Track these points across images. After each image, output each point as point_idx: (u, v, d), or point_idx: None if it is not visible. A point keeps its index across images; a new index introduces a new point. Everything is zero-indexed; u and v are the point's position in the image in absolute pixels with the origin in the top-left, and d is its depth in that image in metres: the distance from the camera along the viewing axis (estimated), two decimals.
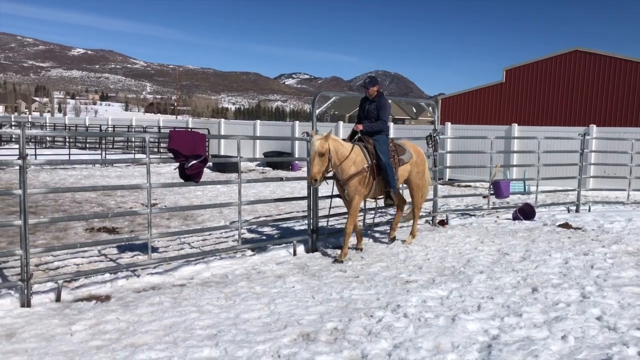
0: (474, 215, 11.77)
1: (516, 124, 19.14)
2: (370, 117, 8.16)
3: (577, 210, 12.37)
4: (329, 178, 7.78)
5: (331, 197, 8.40)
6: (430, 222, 10.75)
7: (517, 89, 30.91)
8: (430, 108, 10.85)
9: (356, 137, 8.01)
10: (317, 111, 8.56)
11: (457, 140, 19.17)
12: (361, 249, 8.35)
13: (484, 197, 14.02)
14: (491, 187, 11.76)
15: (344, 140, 7.96)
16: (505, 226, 10.45)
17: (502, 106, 31.38)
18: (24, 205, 5.65)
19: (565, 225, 10.33)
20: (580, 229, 10.12)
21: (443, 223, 10.70)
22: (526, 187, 15.06)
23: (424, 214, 11.47)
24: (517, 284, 6.51)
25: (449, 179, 18.55)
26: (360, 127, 8.01)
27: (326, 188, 8.76)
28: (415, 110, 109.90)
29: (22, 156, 5.61)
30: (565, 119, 28.71)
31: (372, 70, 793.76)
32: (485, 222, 10.92)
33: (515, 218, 11.13)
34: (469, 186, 18.04)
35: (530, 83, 30.53)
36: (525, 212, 11.17)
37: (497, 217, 11.57)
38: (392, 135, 21.06)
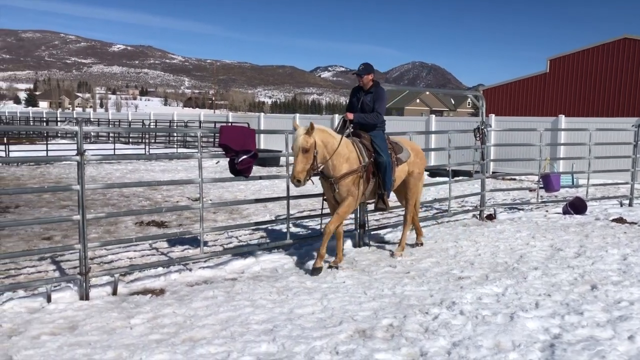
0: (522, 209, 11.52)
1: (563, 116, 18.65)
2: (365, 110, 7.19)
3: (630, 204, 11.98)
4: (317, 175, 6.85)
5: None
6: (478, 216, 10.56)
7: (562, 79, 30.10)
8: (476, 99, 10.64)
9: (349, 130, 7.03)
10: None
11: (500, 133, 18.78)
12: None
13: (531, 190, 13.73)
14: (540, 180, 11.48)
15: (336, 131, 7.00)
16: (555, 221, 10.19)
17: (546, 97, 30.63)
18: (82, 200, 5.76)
19: (620, 220, 10.01)
20: (636, 223, 9.79)
21: (491, 217, 10.51)
22: (574, 180, 14.66)
23: (471, 208, 11.30)
24: (575, 281, 6.33)
25: (493, 172, 18.21)
26: (351, 115, 7.04)
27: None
28: (453, 102, 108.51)
29: (80, 152, 5.72)
30: (613, 110, 27.83)
31: (408, 62, 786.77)
32: (534, 216, 10.68)
33: (565, 212, 10.84)
34: (514, 179, 17.69)
35: (576, 73, 29.69)
36: (576, 206, 10.88)
37: (547, 211, 11.29)
38: (433, 127, 20.88)
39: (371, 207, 8.97)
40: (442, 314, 5.21)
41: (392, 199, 7.92)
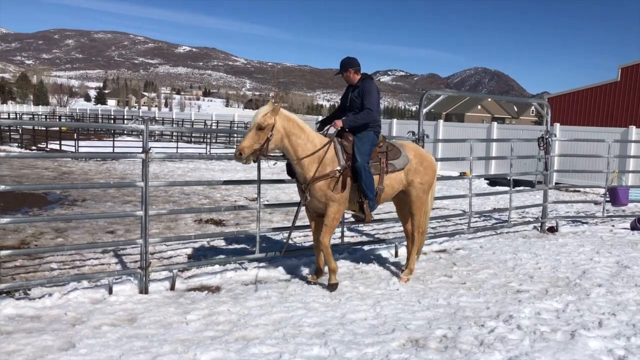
0: (587, 222, 11.08)
1: (634, 127, 17.80)
2: (354, 108, 6.39)
3: None
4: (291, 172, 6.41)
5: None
6: (539, 228, 10.23)
7: (634, 89, 28.76)
8: (541, 107, 10.32)
9: (333, 131, 6.27)
10: (424, 110, 8.39)
11: (565, 143, 18.13)
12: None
13: (597, 203, 13.18)
14: (607, 193, 11.01)
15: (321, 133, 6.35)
16: (622, 236, 9.74)
17: (616, 107, 29.34)
18: (146, 197, 5.95)
19: None
20: None
21: (552, 230, 10.16)
22: None
23: (532, 219, 10.97)
24: None
25: (556, 183, 17.62)
26: (340, 123, 6.20)
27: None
28: (516, 109, 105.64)
29: (145, 150, 5.91)
30: None
31: (471, 68, 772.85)
32: (599, 230, 10.25)
33: (634, 228, 10.34)
34: (578, 191, 17.06)
35: None
36: None
37: (613, 226, 10.81)
38: (494, 135, 20.39)
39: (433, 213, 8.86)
40: (498, 327, 5.07)
41: (387, 209, 7.34)
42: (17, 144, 26.32)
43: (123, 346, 4.44)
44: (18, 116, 53.48)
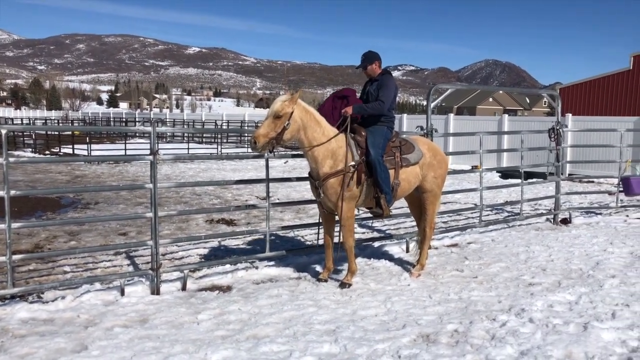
0: (600, 213, 10.96)
1: None
2: (369, 101, 6.40)
3: None
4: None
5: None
6: (552, 220, 10.15)
7: None
8: (552, 99, 10.23)
9: (346, 124, 6.16)
10: (433, 104, 8.35)
11: (577, 133, 17.93)
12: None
13: (610, 194, 13.04)
14: (620, 183, 10.89)
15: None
16: (637, 226, 9.64)
17: (628, 95, 28.99)
18: (155, 199, 5.99)
19: None
20: None
21: (566, 221, 10.07)
22: None
23: (544, 211, 10.88)
24: None
25: (569, 174, 17.46)
26: (350, 110, 6.13)
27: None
28: (528, 101, 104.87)
29: (153, 152, 5.94)
30: None
31: (481, 60, 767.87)
32: (613, 221, 10.14)
33: None
34: (592, 182, 16.89)
35: None
36: None
37: (627, 216, 10.69)
38: (505, 127, 20.23)
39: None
40: (510, 321, 5.04)
41: (397, 205, 7.35)
42: (30, 149, 26.61)
43: (135, 347, 4.47)
44: (31, 121, 54.04)
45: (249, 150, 28.94)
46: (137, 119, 47.04)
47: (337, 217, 6.38)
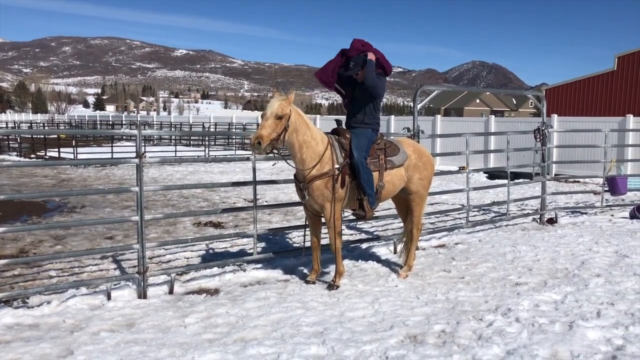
0: (586, 213, 11.07)
1: (631, 115, 17.77)
2: (361, 96, 6.34)
3: None
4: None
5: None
6: (538, 220, 10.22)
7: (631, 77, 28.71)
8: (537, 100, 10.31)
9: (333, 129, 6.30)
10: (419, 105, 8.39)
11: (563, 134, 18.10)
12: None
13: (596, 193, 13.18)
14: (605, 183, 11.00)
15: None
16: (622, 225, 9.73)
17: (613, 96, 29.30)
18: (141, 202, 5.96)
19: None
20: None
21: (552, 221, 10.15)
22: None
23: (531, 211, 10.96)
24: None
25: (555, 175, 17.61)
26: (372, 56, 6.18)
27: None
28: (515, 102, 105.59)
29: (139, 155, 5.91)
30: None
31: (468, 62, 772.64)
32: (598, 220, 10.24)
33: (633, 217, 10.33)
34: (577, 182, 17.05)
35: None
36: None
37: (612, 215, 10.80)
38: (492, 128, 20.36)
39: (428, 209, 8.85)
40: (496, 320, 5.06)
41: (385, 206, 7.37)
42: (16, 153, 26.37)
43: (121, 351, 4.44)
44: (17, 125, 53.51)
45: (237, 152, 28.89)
46: (123, 122, 46.73)
47: (323, 219, 6.39)
